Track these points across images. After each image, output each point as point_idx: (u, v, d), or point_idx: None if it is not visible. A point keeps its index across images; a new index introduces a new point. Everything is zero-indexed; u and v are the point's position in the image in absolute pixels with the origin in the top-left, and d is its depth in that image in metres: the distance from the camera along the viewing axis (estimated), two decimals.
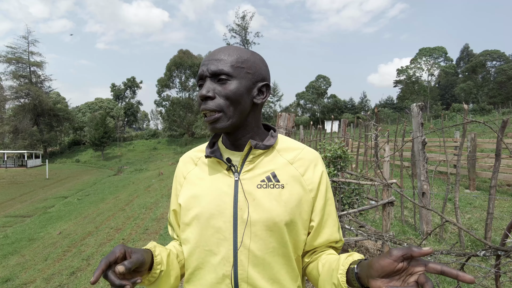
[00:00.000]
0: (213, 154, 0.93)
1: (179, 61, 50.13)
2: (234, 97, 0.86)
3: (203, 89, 0.87)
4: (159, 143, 49.54)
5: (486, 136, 15.43)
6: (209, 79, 0.88)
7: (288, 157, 0.94)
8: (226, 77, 0.86)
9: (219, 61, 0.86)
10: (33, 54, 49.56)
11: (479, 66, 49.92)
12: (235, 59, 0.87)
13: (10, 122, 45.10)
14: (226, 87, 0.86)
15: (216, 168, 0.94)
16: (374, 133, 3.62)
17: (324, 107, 59.36)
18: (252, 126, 0.94)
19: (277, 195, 0.88)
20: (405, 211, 6.74)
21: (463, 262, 2.01)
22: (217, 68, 0.85)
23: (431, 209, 2.23)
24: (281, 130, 3.65)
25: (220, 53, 0.88)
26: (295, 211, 0.88)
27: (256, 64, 0.91)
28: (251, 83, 0.89)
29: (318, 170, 0.94)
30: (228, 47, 0.90)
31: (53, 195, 18.87)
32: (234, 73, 0.86)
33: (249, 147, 0.91)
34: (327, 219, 0.94)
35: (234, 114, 0.87)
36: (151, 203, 11.06)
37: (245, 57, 0.89)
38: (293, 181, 0.90)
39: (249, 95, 0.90)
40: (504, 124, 3.86)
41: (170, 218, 1.04)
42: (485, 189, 8.47)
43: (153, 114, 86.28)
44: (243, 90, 0.87)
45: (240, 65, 0.87)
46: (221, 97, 0.86)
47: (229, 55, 0.87)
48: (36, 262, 7.06)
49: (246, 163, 0.92)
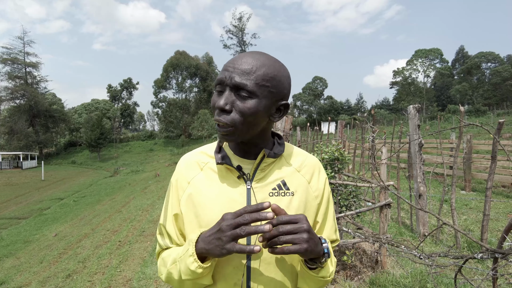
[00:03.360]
0: (224, 160, 0.90)
1: (176, 62, 50.07)
2: (250, 116, 0.82)
3: (221, 99, 0.82)
4: (156, 144, 49.38)
5: (482, 137, 15.55)
6: (229, 88, 0.83)
7: (295, 165, 0.96)
8: (247, 94, 0.81)
9: (245, 74, 0.81)
10: (29, 54, 49.39)
11: (474, 67, 50.27)
12: (261, 75, 0.81)
13: (5, 123, 44.78)
14: (245, 104, 0.81)
15: (226, 176, 0.92)
16: (371, 136, 3.63)
17: (321, 109, 59.49)
18: (263, 136, 0.93)
19: (288, 203, 0.90)
20: (402, 213, 6.76)
21: (460, 265, 2.01)
22: (241, 82, 0.80)
23: (428, 211, 2.23)
24: (279, 132, 3.64)
25: (248, 64, 0.82)
26: None
27: (281, 83, 0.86)
28: (272, 102, 0.85)
29: (322, 176, 0.99)
30: (257, 57, 0.84)
31: (48, 197, 18.74)
32: (257, 92, 0.81)
33: (262, 156, 0.90)
34: (327, 221, 0.99)
35: (247, 130, 0.85)
36: (147, 205, 11.01)
37: (272, 73, 0.83)
38: (301, 188, 0.93)
39: (267, 114, 0.86)
40: (499, 126, 3.88)
41: (167, 225, 0.95)
42: (480, 190, 8.52)
43: (149, 115, 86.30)
44: (262, 110, 0.83)
45: (265, 83, 0.82)
46: (237, 112, 0.82)
47: (257, 68, 0.81)
48: (32, 265, 7.00)
49: (258, 171, 0.91)
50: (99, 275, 5.16)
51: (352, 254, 3.88)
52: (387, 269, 3.79)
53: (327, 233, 0.98)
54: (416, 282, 3.38)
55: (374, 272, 3.78)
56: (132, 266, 5.26)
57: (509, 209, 6.81)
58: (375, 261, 3.98)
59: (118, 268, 5.21)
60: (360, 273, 3.80)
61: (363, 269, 3.87)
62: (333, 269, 0.92)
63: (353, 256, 3.89)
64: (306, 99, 61.24)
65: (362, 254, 4.15)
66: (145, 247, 6.25)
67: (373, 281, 3.47)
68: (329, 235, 0.98)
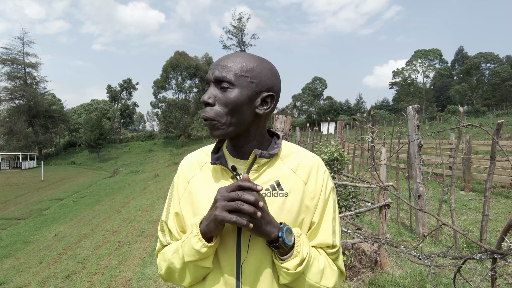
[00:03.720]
0: (218, 161, 0.92)
1: (176, 62, 50.08)
2: (232, 106, 0.85)
3: (205, 94, 0.88)
4: (155, 145, 49.37)
5: (481, 137, 15.56)
6: (213, 84, 0.88)
7: (291, 165, 0.94)
8: (228, 85, 0.85)
9: (224, 68, 0.86)
10: (28, 55, 49.40)
11: (473, 68, 50.35)
12: (239, 67, 0.86)
13: (4, 124, 44.77)
14: (226, 95, 0.85)
15: (221, 176, 0.94)
16: (371, 136, 3.63)
17: (320, 109, 59.52)
18: (255, 135, 0.93)
19: (281, 204, 0.89)
20: (401, 213, 6.77)
21: (459, 265, 2.02)
22: (221, 75, 0.85)
23: (427, 212, 2.24)
24: (278, 133, 3.64)
25: (227, 60, 0.87)
26: (298, 219, 0.89)
27: (263, 74, 0.89)
28: (254, 93, 0.87)
29: (320, 176, 0.95)
30: (236, 54, 0.89)
31: (48, 197, 18.73)
32: (236, 82, 0.85)
33: (253, 156, 0.91)
34: (323, 223, 0.93)
35: (231, 123, 0.87)
36: (147, 205, 11.00)
37: (251, 65, 0.87)
38: (296, 189, 0.91)
39: (251, 105, 0.88)
40: (499, 126, 3.89)
41: (169, 221, 0.98)
42: (479, 190, 8.53)
43: (149, 115, 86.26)
44: (244, 100, 0.86)
45: (244, 74, 0.86)
46: (220, 104, 0.86)
47: (235, 62, 0.87)
48: (31, 265, 6.99)
49: (251, 171, 0.91)
50: (98, 275, 5.16)
51: (352, 254, 3.88)
52: (386, 269, 3.80)
53: (322, 237, 0.92)
54: (416, 282, 3.38)
55: (374, 272, 3.78)
56: (132, 267, 5.26)
57: (508, 210, 6.83)
58: (374, 262, 3.99)
59: (117, 269, 5.21)
60: (359, 273, 3.80)
61: (363, 270, 3.88)
62: (303, 266, 0.82)
63: (352, 257, 3.90)
64: (306, 100, 61.28)
65: (361, 254, 4.15)
66: (144, 247, 6.25)
67: (373, 282, 3.47)
68: (324, 239, 0.91)
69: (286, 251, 0.82)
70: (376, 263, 3.94)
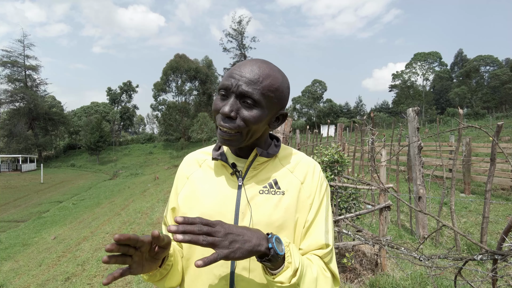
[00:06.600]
0: (220, 157, 0.95)
1: (176, 65, 50.17)
2: (253, 124, 0.85)
3: (226, 105, 0.84)
4: (155, 148, 49.34)
5: (481, 140, 15.59)
6: (234, 96, 0.84)
7: (289, 166, 0.98)
8: (252, 102, 0.84)
9: (251, 84, 0.83)
10: (29, 57, 49.41)
11: (473, 71, 50.44)
12: (267, 86, 0.84)
13: (4, 126, 44.70)
14: (250, 113, 0.84)
15: (221, 172, 0.97)
16: (371, 138, 3.64)
17: (320, 112, 59.61)
18: (259, 139, 0.96)
19: (277, 202, 0.91)
20: (402, 215, 6.77)
21: (460, 266, 2.02)
22: (247, 91, 0.82)
23: (427, 213, 2.24)
24: (279, 135, 3.66)
25: (254, 73, 0.84)
26: (293, 217, 0.91)
27: (284, 94, 0.90)
28: (274, 112, 0.90)
29: (316, 176, 0.98)
30: (263, 66, 0.86)
31: (47, 200, 18.69)
32: (262, 102, 0.84)
33: (254, 155, 0.94)
34: (315, 221, 0.92)
35: (248, 136, 0.88)
36: (146, 208, 10.99)
37: (276, 85, 0.86)
38: (293, 188, 0.93)
39: (267, 122, 0.91)
40: (498, 128, 3.90)
41: (167, 217, 1.04)
42: (479, 193, 8.53)
43: (149, 118, 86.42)
44: (265, 120, 0.88)
45: (270, 94, 0.85)
46: (241, 119, 0.85)
47: (263, 79, 0.84)
48: (30, 268, 6.97)
49: (250, 169, 0.95)
50: (98, 278, 5.15)
51: (352, 256, 3.88)
52: (387, 271, 3.79)
53: (316, 235, 0.90)
54: (416, 284, 3.38)
55: (374, 274, 3.78)
56: None
57: (508, 212, 6.83)
58: (375, 264, 3.99)
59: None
60: (360, 275, 3.80)
61: (363, 272, 3.87)
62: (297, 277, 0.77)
63: (353, 259, 3.89)
64: (306, 102, 61.37)
65: (362, 256, 4.15)
66: None
67: (373, 284, 3.47)
68: (318, 237, 0.90)
69: (279, 262, 0.76)
70: (377, 265, 3.94)
